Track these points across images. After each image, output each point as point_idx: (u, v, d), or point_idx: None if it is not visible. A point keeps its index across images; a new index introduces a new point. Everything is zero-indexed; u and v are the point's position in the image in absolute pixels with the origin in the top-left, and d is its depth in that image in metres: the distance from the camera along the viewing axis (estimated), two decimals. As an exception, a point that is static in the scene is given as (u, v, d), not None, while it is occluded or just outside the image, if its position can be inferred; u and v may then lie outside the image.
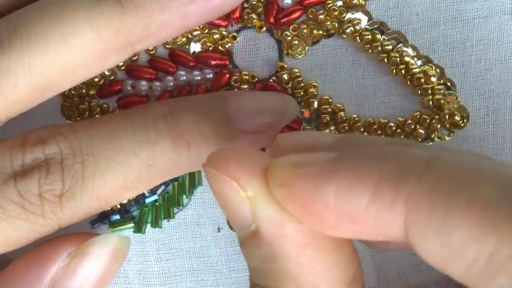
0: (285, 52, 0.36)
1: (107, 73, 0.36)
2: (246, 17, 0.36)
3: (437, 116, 0.35)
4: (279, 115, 0.32)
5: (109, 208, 0.36)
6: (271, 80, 0.36)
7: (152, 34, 0.31)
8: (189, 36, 0.36)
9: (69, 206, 0.29)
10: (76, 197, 0.29)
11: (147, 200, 0.36)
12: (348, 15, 0.36)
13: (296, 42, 0.36)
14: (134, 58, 0.36)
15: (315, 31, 0.36)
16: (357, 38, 0.36)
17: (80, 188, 0.29)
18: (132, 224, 0.36)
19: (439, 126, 0.35)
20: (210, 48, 0.36)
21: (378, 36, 0.36)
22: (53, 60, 0.29)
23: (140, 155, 0.30)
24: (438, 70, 0.35)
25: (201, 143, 0.30)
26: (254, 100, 0.32)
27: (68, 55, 0.29)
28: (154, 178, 0.31)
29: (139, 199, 0.36)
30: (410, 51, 0.35)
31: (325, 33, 0.36)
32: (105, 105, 0.36)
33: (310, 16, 0.36)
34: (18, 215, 0.28)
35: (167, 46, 0.36)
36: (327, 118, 0.36)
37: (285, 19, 0.36)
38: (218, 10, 0.32)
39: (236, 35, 0.36)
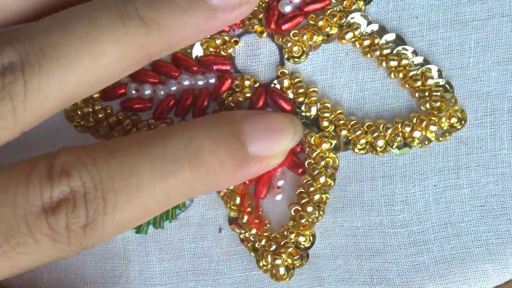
0: (286, 57, 0.37)
1: (110, 76, 0.37)
2: (247, 22, 0.36)
3: (434, 118, 0.35)
4: (287, 139, 0.34)
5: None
6: (272, 85, 0.37)
7: (172, 47, 0.32)
8: (192, 41, 0.37)
9: (92, 236, 0.30)
10: (98, 228, 0.30)
11: (150, 201, 0.37)
12: (348, 20, 0.36)
13: (297, 47, 0.36)
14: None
15: (315, 37, 0.36)
16: (357, 42, 0.36)
17: (102, 220, 0.30)
18: (135, 225, 0.37)
19: (436, 127, 0.35)
20: (212, 53, 0.37)
21: (377, 40, 0.36)
22: (82, 78, 0.30)
23: (159, 187, 0.30)
24: (436, 72, 0.36)
25: (219, 170, 0.32)
26: (266, 124, 0.33)
27: (96, 72, 0.30)
28: (171, 204, 0.32)
29: (142, 201, 0.37)
30: (409, 53, 0.36)
31: (325, 38, 0.36)
32: (109, 108, 0.37)
33: (310, 21, 0.36)
34: (49, 246, 0.29)
35: (170, 51, 0.37)
36: (326, 122, 0.36)
37: (286, 25, 0.36)
38: (231, 22, 0.33)
39: (238, 39, 0.37)
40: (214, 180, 0.32)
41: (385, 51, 0.36)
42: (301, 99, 0.36)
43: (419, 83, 0.36)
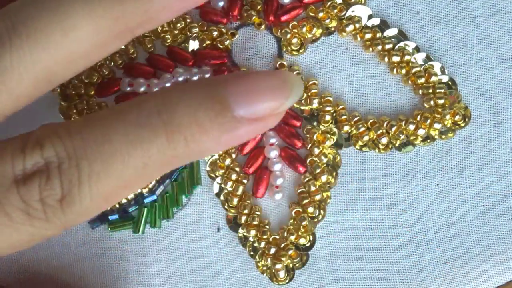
0: (285, 49, 0.36)
1: (105, 71, 0.36)
2: (245, 14, 0.36)
3: (438, 115, 0.35)
4: (282, 97, 0.30)
5: (108, 208, 0.36)
6: (270, 78, 0.36)
7: (152, 19, 0.30)
8: (188, 33, 0.36)
9: (70, 210, 0.28)
10: (75, 201, 0.28)
11: (146, 200, 0.36)
12: (349, 13, 0.35)
13: (296, 39, 0.36)
14: (133, 56, 0.36)
15: (315, 29, 0.35)
16: (358, 36, 0.36)
17: (77, 192, 0.28)
18: (131, 224, 0.36)
19: (440, 125, 0.35)
20: (209, 45, 0.36)
21: (379, 34, 0.35)
22: (55, 54, 0.28)
23: (134, 155, 0.29)
24: (439, 69, 0.35)
25: (200, 135, 0.29)
26: (254, 82, 0.30)
27: (69, 48, 0.29)
28: (152, 175, 0.30)
29: (138, 199, 0.36)
30: (411, 49, 0.35)
31: (325, 31, 0.36)
32: (104, 104, 0.36)
33: (310, 13, 0.36)
34: (23, 221, 0.28)
35: (166, 44, 0.36)
36: (328, 116, 0.35)
37: (284, 17, 0.36)
38: None
39: (235, 32, 0.36)
40: (196, 146, 0.29)
41: (387, 46, 0.35)
42: (300, 92, 0.36)
43: (422, 80, 0.35)
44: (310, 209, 0.35)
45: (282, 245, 0.35)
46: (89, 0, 0.29)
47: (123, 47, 0.36)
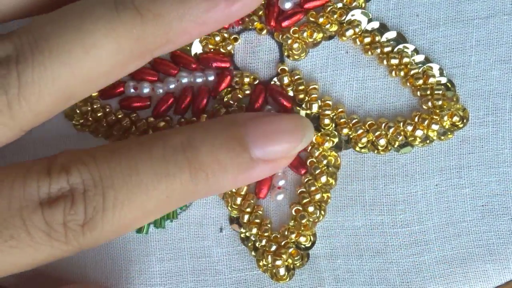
0: (286, 54, 0.36)
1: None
2: (247, 19, 0.36)
3: (436, 117, 0.35)
4: (295, 141, 0.33)
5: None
6: (272, 82, 0.36)
7: (171, 41, 0.31)
8: (191, 38, 0.37)
9: (91, 235, 0.29)
10: (97, 227, 0.29)
11: (151, 201, 0.37)
12: (348, 17, 0.36)
13: (297, 44, 0.36)
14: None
15: (315, 34, 0.36)
16: (357, 40, 0.36)
17: (100, 219, 0.29)
18: (135, 225, 0.37)
19: (438, 126, 0.35)
20: (212, 50, 0.37)
21: (378, 38, 0.36)
22: (76, 72, 0.29)
23: (158, 188, 0.30)
24: (438, 70, 0.36)
25: (219, 173, 0.31)
26: (271, 126, 0.32)
27: (90, 66, 0.29)
28: (171, 207, 0.32)
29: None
30: (410, 51, 0.36)
31: (325, 35, 0.36)
32: (108, 107, 0.37)
33: (310, 18, 0.36)
34: (44, 242, 0.29)
35: (169, 48, 0.37)
36: (327, 119, 0.36)
37: (286, 22, 0.36)
38: (235, 15, 0.32)
39: (238, 37, 0.36)
40: (215, 183, 0.31)
41: (386, 49, 0.36)
42: (301, 96, 0.36)
43: (420, 81, 0.35)
44: (310, 208, 0.35)
45: (283, 243, 0.36)
46: (111, 19, 0.29)
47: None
